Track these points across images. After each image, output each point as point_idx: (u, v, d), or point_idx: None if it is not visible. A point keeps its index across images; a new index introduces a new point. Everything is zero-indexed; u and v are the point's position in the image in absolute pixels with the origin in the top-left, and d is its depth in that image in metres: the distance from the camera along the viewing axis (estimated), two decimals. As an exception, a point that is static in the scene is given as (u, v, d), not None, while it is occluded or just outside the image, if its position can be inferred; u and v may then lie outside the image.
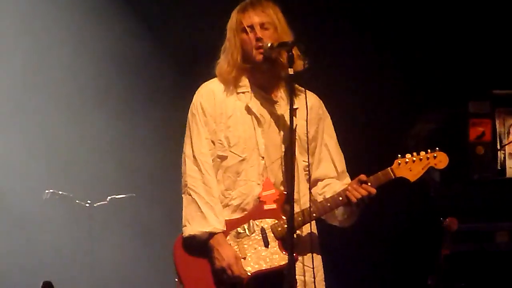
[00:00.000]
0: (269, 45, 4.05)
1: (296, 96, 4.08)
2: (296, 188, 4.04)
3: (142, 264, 6.91)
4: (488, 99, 5.79)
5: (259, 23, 4.11)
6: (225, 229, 4.10)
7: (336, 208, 4.12)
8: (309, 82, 4.13)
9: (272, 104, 4.19)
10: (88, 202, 6.62)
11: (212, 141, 4.17)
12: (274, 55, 4.08)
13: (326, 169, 4.25)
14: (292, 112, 3.93)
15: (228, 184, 4.16)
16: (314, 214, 4.08)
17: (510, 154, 5.74)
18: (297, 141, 4.09)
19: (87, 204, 6.62)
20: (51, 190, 6.56)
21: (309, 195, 4.12)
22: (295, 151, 4.06)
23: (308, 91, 4.14)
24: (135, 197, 6.73)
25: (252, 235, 4.11)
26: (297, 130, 4.05)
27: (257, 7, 4.14)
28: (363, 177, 4.08)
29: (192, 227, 4.12)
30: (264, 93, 4.20)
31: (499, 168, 5.74)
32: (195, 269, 4.12)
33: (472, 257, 5.55)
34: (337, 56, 6.38)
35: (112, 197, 6.67)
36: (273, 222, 4.10)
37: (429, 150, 4.13)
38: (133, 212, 6.94)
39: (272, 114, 4.18)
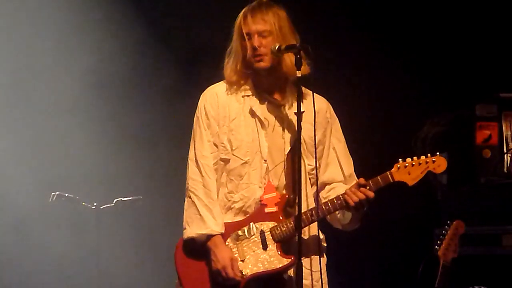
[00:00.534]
0: (276, 47, 4.05)
1: (303, 99, 4.06)
2: (299, 191, 4.05)
3: (149, 266, 6.90)
4: (495, 103, 5.80)
5: (257, 32, 4.10)
6: (223, 232, 4.12)
7: (334, 211, 4.12)
8: (317, 84, 4.13)
9: (276, 107, 4.19)
10: (95, 204, 6.62)
11: (215, 144, 4.19)
12: (279, 58, 4.08)
13: (333, 173, 4.25)
14: (299, 115, 3.93)
15: (231, 187, 4.17)
16: (313, 217, 4.08)
17: (516, 157, 5.75)
18: (302, 145, 4.07)
19: (93, 207, 6.62)
20: (57, 192, 6.55)
21: (317, 198, 4.12)
22: (301, 155, 4.04)
23: (316, 94, 4.14)
24: (141, 199, 6.72)
25: (251, 238, 4.12)
26: (302, 134, 4.04)
27: (256, 14, 4.12)
28: (362, 180, 4.08)
29: (191, 229, 4.15)
30: (268, 96, 4.20)
31: (505, 171, 5.74)
32: (194, 271, 4.15)
33: (478, 260, 5.55)
34: (345, 59, 6.38)
35: (119, 199, 6.67)
36: (273, 224, 4.11)
37: (429, 155, 4.12)
38: (140, 215, 6.93)
39: (277, 117, 4.18)
